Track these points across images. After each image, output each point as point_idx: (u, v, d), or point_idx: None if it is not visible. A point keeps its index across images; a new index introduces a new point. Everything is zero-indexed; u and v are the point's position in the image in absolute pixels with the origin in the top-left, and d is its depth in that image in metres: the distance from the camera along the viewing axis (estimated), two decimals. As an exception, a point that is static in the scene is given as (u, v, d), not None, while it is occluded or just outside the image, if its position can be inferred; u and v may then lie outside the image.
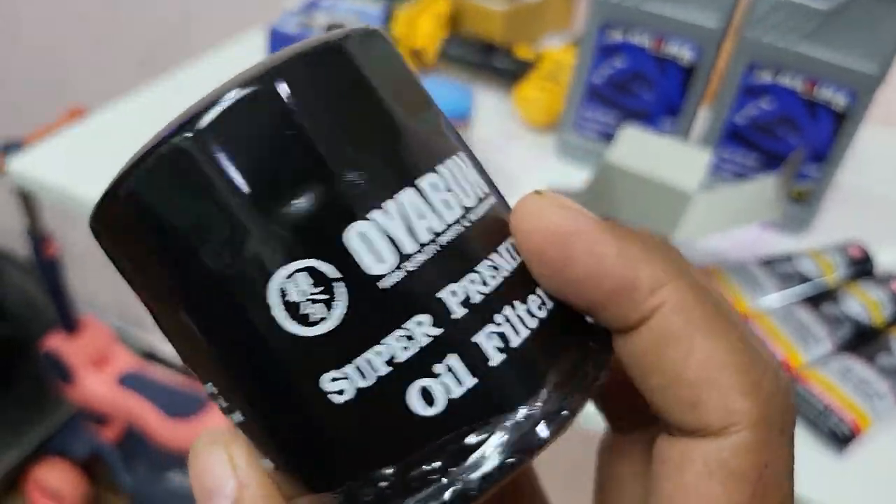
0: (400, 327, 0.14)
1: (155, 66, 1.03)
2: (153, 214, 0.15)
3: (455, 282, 0.14)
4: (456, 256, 0.14)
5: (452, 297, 0.14)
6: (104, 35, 1.23)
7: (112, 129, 0.72)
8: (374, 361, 0.14)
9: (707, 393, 0.13)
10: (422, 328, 0.14)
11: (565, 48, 0.81)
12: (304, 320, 0.14)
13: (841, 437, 0.51)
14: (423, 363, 0.14)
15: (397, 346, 0.14)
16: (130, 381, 1.18)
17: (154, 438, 1.17)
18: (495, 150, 0.73)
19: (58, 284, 1.06)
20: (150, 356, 1.58)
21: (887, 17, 0.58)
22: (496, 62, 0.80)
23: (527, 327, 0.15)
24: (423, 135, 0.15)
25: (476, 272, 0.15)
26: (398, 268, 0.14)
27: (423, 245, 0.14)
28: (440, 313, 0.14)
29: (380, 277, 0.14)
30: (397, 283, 0.14)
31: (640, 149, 0.59)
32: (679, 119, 0.69)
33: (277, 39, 0.82)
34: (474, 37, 0.83)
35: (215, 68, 0.83)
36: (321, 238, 0.14)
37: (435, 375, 0.14)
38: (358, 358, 0.14)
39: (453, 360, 0.14)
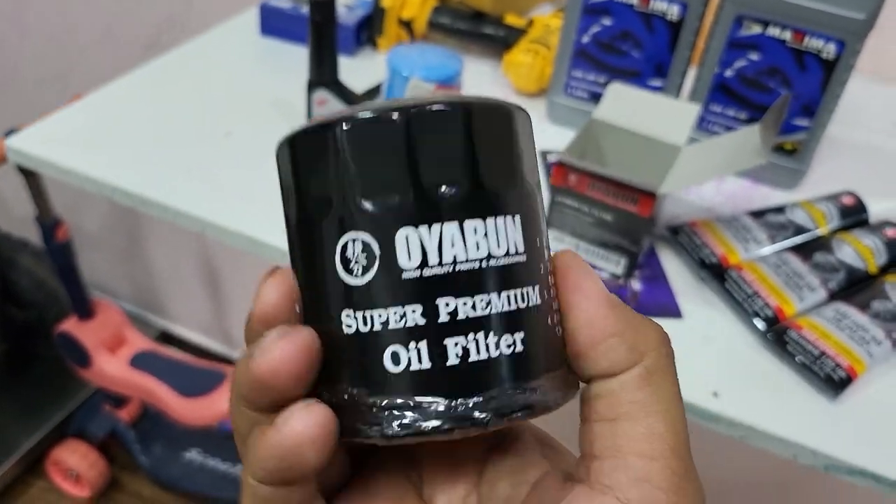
0: (401, 306, 0.19)
1: (161, 51, 1.03)
2: (304, 162, 0.21)
3: (452, 297, 0.19)
4: (462, 282, 0.20)
5: (445, 306, 0.19)
6: (110, 22, 1.24)
7: (109, 107, 0.73)
8: (374, 318, 0.19)
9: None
10: (413, 315, 0.19)
11: (555, 13, 0.81)
12: (347, 270, 0.20)
13: (837, 382, 0.51)
14: (402, 336, 0.19)
15: (393, 317, 0.19)
16: (144, 361, 1.20)
17: (169, 417, 1.19)
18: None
19: (69, 269, 1.08)
20: (166, 339, 1.60)
21: (873, -38, 0.58)
22: (486, 29, 0.80)
23: (488, 355, 0.20)
24: (492, 190, 0.20)
25: (471, 298, 0.20)
26: (418, 269, 0.19)
27: (441, 264, 0.19)
28: (430, 312, 0.19)
29: (403, 270, 0.19)
30: (412, 279, 0.19)
31: (627, 104, 0.59)
32: (668, 77, 0.69)
33: (267, 14, 0.83)
34: (464, 6, 0.83)
35: (208, 48, 0.83)
36: (383, 228, 0.19)
37: (406, 347, 0.19)
38: (366, 310, 0.20)
39: (422, 345, 0.19)
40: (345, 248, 0.20)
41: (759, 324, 0.55)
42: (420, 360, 0.19)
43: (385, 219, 0.19)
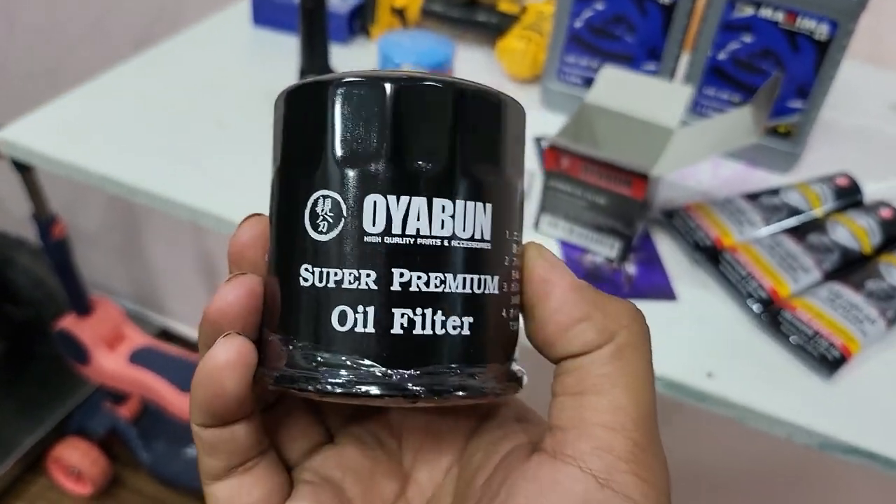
0: (356, 269, 0.20)
1: (152, 45, 1.03)
2: (295, 115, 0.22)
3: (407, 269, 0.20)
4: (421, 256, 0.20)
5: (399, 276, 0.20)
6: (100, 15, 1.23)
7: (101, 97, 0.73)
8: (330, 276, 0.20)
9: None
10: (368, 279, 0.20)
11: (548, 0, 0.81)
12: (314, 225, 0.20)
13: (832, 361, 0.51)
14: (352, 297, 0.20)
15: (347, 277, 0.20)
16: (143, 357, 1.19)
17: (169, 412, 1.19)
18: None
19: (67, 266, 1.08)
20: (166, 336, 1.60)
21: (865, -59, 0.57)
22: (479, 17, 0.80)
23: (433, 331, 0.20)
24: (468, 175, 0.21)
25: (426, 274, 0.20)
26: (379, 236, 0.20)
27: (404, 235, 0.20)
28: (384, 279, 0.20)
29: (365, 233, 0.20)
30: (372, 243, 0.20)
31: (619, 87, 0.59)
32: (662, 61, 0.68)
33: (259, 4, 0.83)
34: (458, -7, 0.83)
35: (201, 38, 0.83)
36: (355, 190, 0.20)
37: (354, 309, 0.20)
38: (324, 267, 0.20)
39: (370, 310, 0.20)
40: (315, 203, 0.20)
41: (754, 305, 0.55)
42: (365, 324, 0.20)
43: (358, 182, 0.20)
